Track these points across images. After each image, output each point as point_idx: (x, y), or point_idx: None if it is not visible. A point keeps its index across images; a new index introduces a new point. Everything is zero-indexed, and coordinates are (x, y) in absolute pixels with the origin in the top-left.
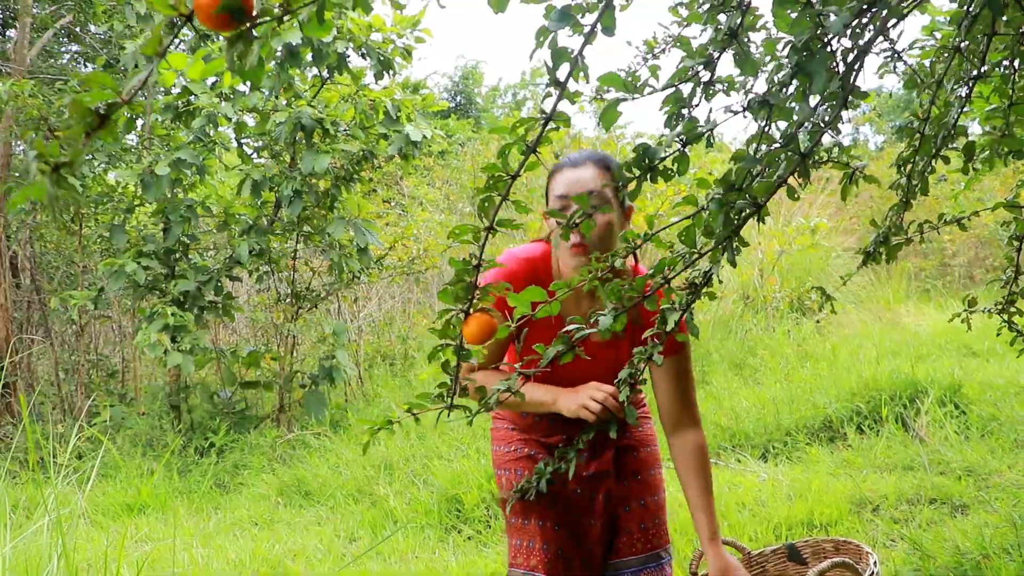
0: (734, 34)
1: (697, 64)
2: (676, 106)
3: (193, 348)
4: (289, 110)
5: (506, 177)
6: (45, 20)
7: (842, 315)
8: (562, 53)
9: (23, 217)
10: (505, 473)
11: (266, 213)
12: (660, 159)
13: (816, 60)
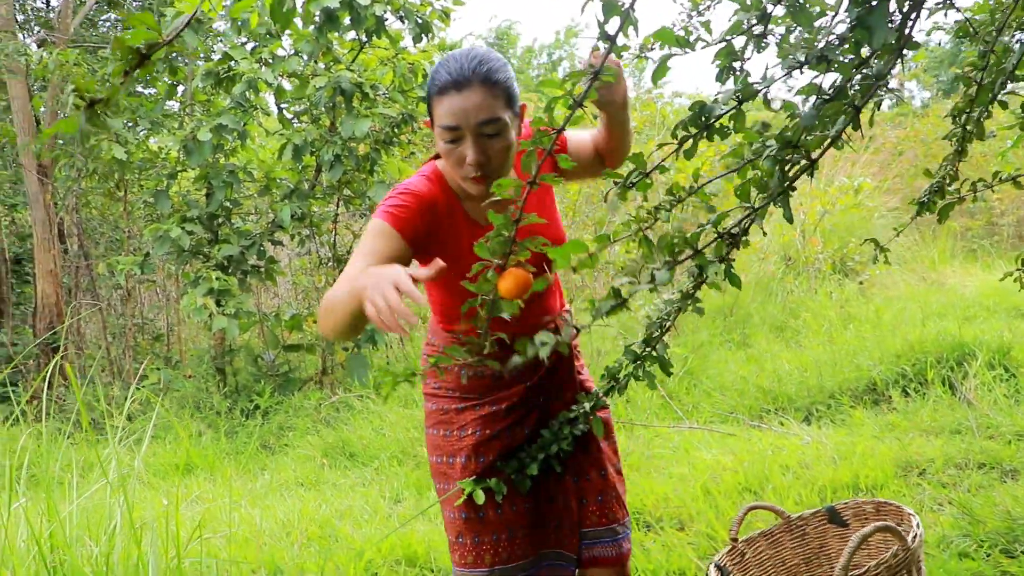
0: None
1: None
2: (728, 60)
3: (237, 312)
4: (328, 74)
5: (551, 132)
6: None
7: (885, 276)
8: (613, 7)
9: (70, 184)
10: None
11: (307, 177)
12: (716, 116)
13: (876, 13)
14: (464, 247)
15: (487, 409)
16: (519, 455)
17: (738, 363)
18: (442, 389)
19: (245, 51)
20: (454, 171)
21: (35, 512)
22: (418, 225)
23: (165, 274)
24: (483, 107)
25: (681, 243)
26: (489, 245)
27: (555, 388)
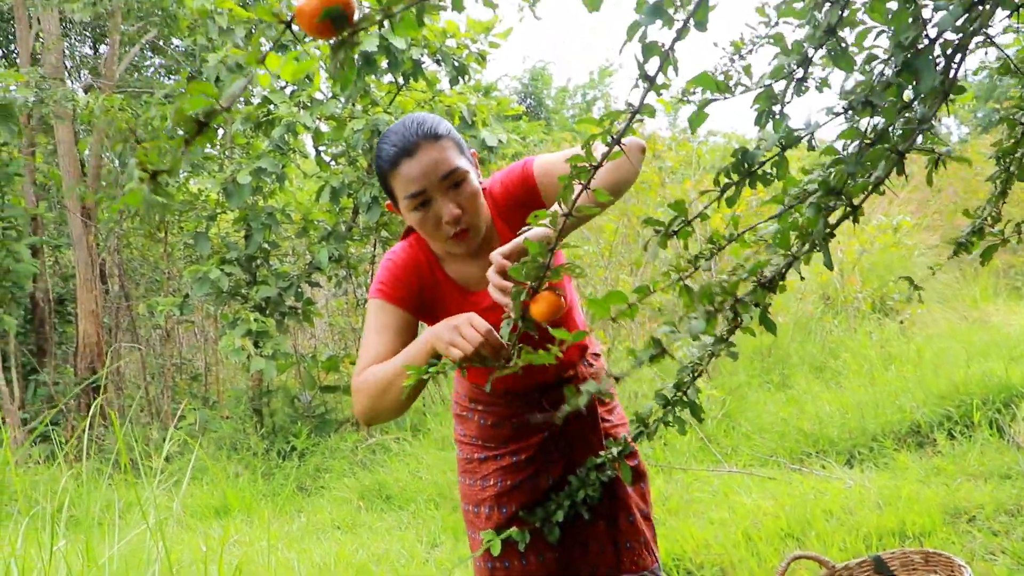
0: (832, 31)
1: (792, 61)
2: (767, 103)
3: (275, 353)
4: (366, 117)
5: (588, 167)
6: (132, 36)
7: (926, 315)
8: (652, 47)
9: (112, 226)
10: (483, 510)
11: (344, 219)
12: (759, 163)
13: (922, 57)
14: (451, 311)
15: (508, 460)
16: (545, 504)
17: (777, 404)
18: (467, 437)
19: (284, 95)
20: (434, 237)
21: (75, 555)
22: (408, 292)
23: (204, 314)
24: (440, 161)
25: (721, 292)
26: (524, 269)
27: (577, 436)
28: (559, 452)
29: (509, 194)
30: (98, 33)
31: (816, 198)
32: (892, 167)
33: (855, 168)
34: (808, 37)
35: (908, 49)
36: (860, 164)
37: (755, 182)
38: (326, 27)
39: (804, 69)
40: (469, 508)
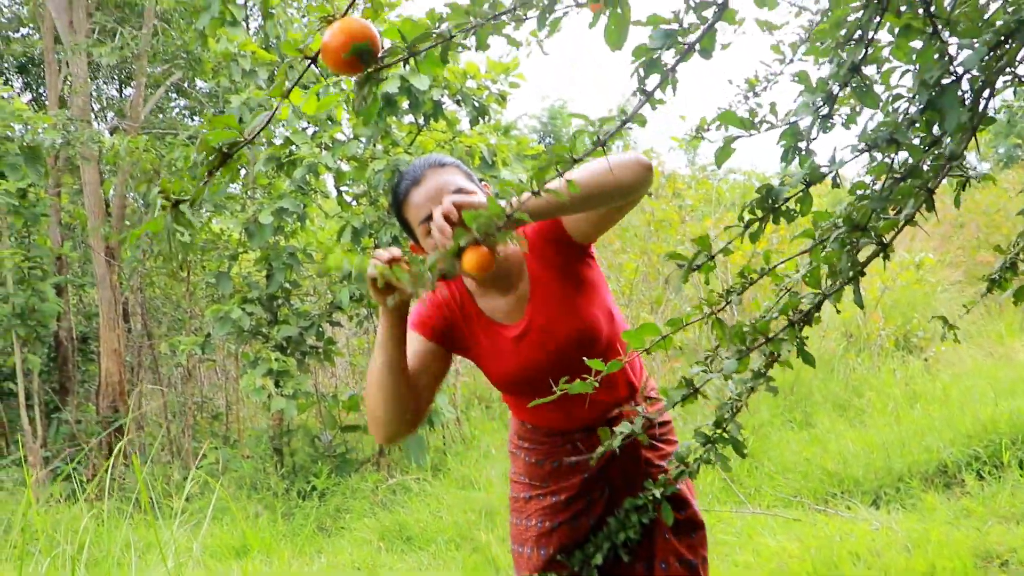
0: (856, 68)
1: (817, 98)
2: (793, 140)
3: (295, 393)
4: (387, 157)
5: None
6: (158, 78)
7: (951, 352)
8: (655, 64)
9: (135, 265)
10: (525, 551)
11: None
12: (783, 200)
13: (947, 96)
14: (483, 346)
15: (549, 500)
16: (584, 546)
17: (801, 444)
18: (516, 475)
19: (306, 136)
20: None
21: None
22: (435, 322)
23: (225, 353)
24: (445, 183)
25: (752, 331)
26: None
27: (619, 477)
28: (600, 493)
29: (538, 230)
30: (124, 75)
31: (841, 234)
32: (921, 203)
33: (880, 204)
34: (833, 75)
35: (933, 87)
36: (886, 200)
37: (779, 218)
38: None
39: (829, 106)
40: (515, 548)
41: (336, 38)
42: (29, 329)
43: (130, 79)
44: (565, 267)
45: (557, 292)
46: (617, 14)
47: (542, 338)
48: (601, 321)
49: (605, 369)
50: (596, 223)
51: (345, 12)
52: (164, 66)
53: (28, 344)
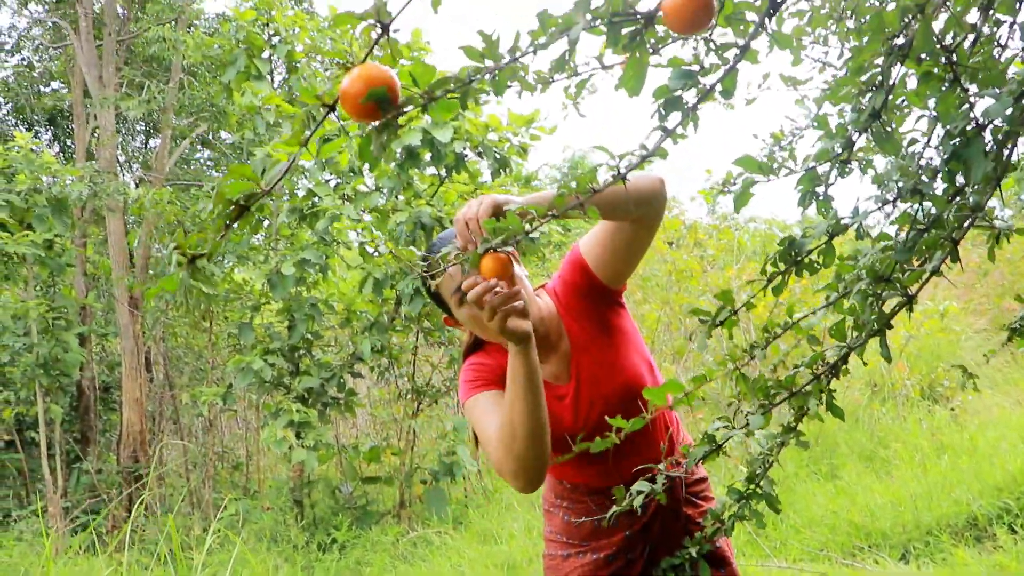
0: (876, 115)
1: (836, 144)
2: (811, 185)
3: (316, 444)
4: (409, 209)
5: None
6: (183, 130)
7: (978, 401)
8: (675, 101)
9: (158, 315)
10: None
11: (387, 310)
12: (806, 252)
13: (972, 147)
14: None
15: (589, 558)
16: None
17: (827, 496)
18: (552, 533)
19: (329, 187)
20: (487, 330)
21: None
22: (497, 376)
23: (247, 403)
24: None
25: (775, 385)
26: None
27: (660, 535)
28: (641, 551)
29: (567, 284)
30: (150, 127)
31: (864, 285)
32: (947, 255)
33: (903, 256)
34: (853, 121)
35: (957, 137)
36: (910, 251)
37: (802, 271)
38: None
39: (848, 152)
40: None
41: (354, 84)
42: (52, 379)
43: (156, 131)
44: (599, 319)
45: (596, 346)
46: (636, 60)
47: (591, 395)
48: (643, 370)
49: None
50: (618, 253)
51: (364, 59)
52: (190, 119)
53: (51, 394)
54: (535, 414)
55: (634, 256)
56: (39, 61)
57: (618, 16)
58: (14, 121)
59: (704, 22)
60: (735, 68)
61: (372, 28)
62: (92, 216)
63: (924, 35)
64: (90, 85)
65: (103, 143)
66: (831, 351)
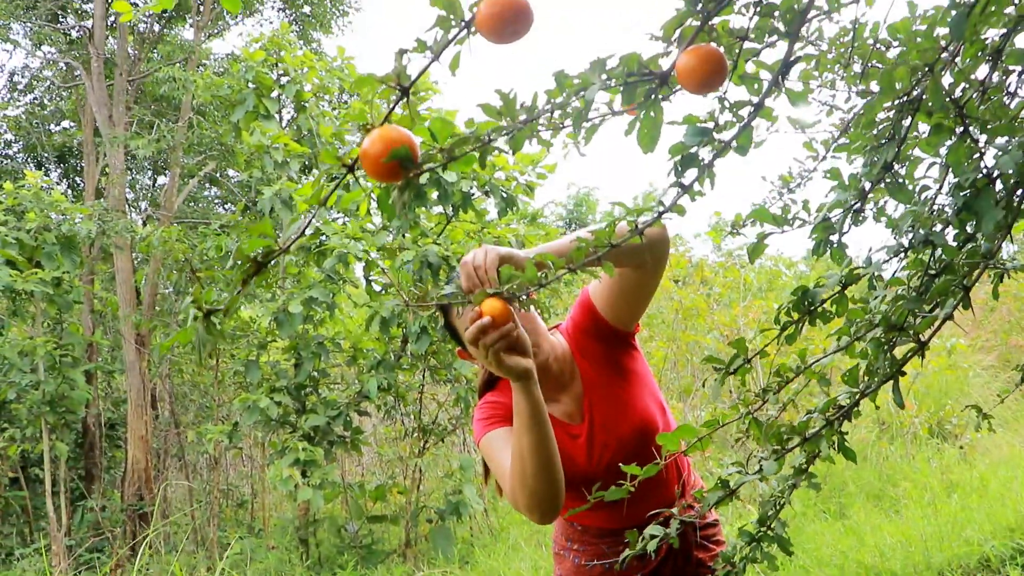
0: (889, 166)
1: (850, 195)
2: (824, 233)
3: (322, 482)
4: (416, 248)
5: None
6: (192, 169)
7: (987, 439)
8: (691, 158)
9: (164, 352)
10: None
11: (394, 348)
12: (820, 302)
13: (983, 198)
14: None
15: None
16: None
17: (836, 536)
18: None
19: (336, 226)
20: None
21: None
22: (502, 415)
23: (252, 441)
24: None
25: (788, 430)
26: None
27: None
28: None
29: (578, 326)
30: (158, 165)
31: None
32: (959, 302)
33: (916, 305)
34: (866, 173)
35: (968, 188)
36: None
37: (815, 320)
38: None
39: (861, 201)
40: None
41: (374, 146)
42: (58, 416)
43: (164, 169)
44: (611, 361)
45: (609, 388)
46: (650, 117)
47: (604, 437)
48: (655, 412)
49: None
50: (626, 296)
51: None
52: (198, 157)
53: (56, 431)
54: (543, 448)
55: (642, 300)
56: (50, 100)
57: (633, 76)
58: (25, 159)
59: (717, 83)
60: (750, 125)
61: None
62: (100, 253)
63: (934, 92)
64: (100, 124)
65: (112, 181)
66: (843, 395)
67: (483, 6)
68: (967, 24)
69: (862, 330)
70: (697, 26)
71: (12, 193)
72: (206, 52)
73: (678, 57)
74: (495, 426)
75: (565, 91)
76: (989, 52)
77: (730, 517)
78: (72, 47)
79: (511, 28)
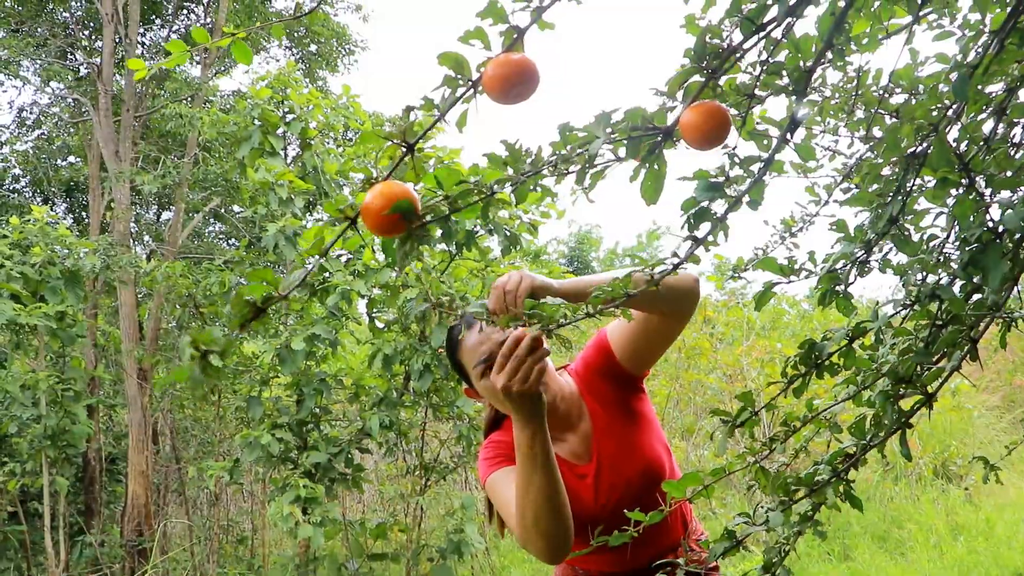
0: (895, 220)
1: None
2: (830, 284)
3: (323, 520)
4: (419, 285)
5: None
6: (196, 204)
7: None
8: (704, 212)
9: (166, 387)
10: None
11: (396, 386)
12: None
13: (990, 254)
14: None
15: None
16: None
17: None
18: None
19: (339, 263)
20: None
21: None
22: (509, 454)
23: (253, 477)
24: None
25: (795, 481)
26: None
27: None
28: None
29: (589, 366)
30: (163, 200)
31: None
32: (966, 354)
33: (924, 358)
34: (872, 225)
35: (974, 244)
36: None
37: (823, 373)
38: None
39: (867, 253)
40: None
41: (376, 200)
42: (59, 450)
43: (168, 203)
44: (621, 402)
45: (618, 429)
46: (654, 171)
47: (612, 478)
48: (663, 455)
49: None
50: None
51: (387, 176)
52: (203, 193)
53: (56, 465)
54: (553, 487)
55: (660, 347)
56: (58, 135)
57: (637, 130)
58: (32, 193)
59: (721, 138)
60: (762, 180)
61: (398, 148)
62: (104, 287)
63: (939, 151)
64: (107, 160)
65: (118, 216)
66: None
67: (490, 67)
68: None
69: (869, 379)
70: (702, 82)
71: (18, 228)
72: (212, 89)
73: (682, 113)
74: (501, 466)
75: (569, 145)
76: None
77: (733, 559)
78: (80, 83)
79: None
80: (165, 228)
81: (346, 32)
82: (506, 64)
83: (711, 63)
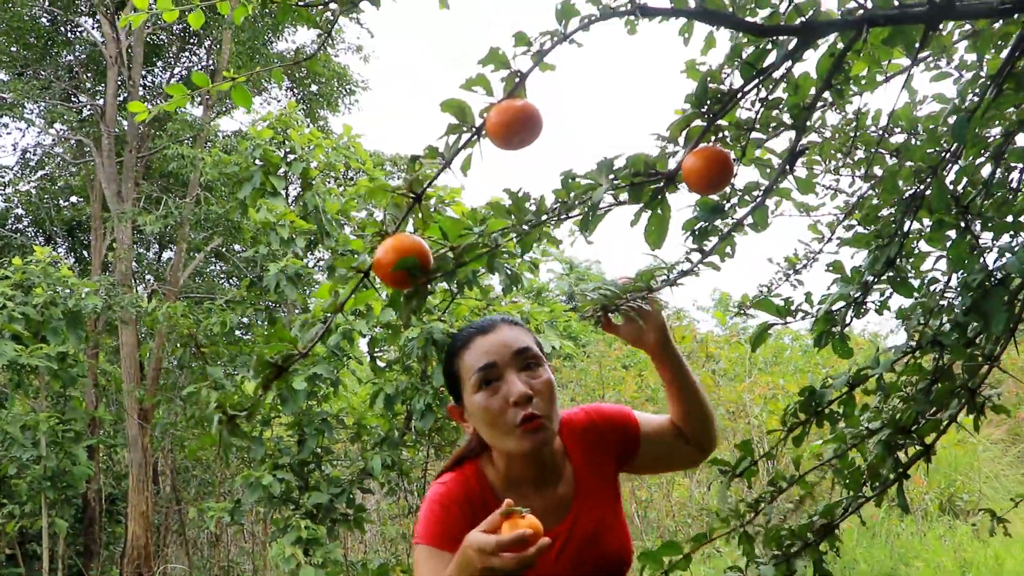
0: (892, 262)
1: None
2: (826, 325)
3: (325, 561)
4: (421, 325)
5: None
6: (198, 244)
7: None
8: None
9: (167, 428)
10: None
11: (398, 425)
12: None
13: (992, 300)
14: None
15: None
16: None
17: None
18: None
19: None
20: (496, 426)
21: None
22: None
23: (254, 517)
24: (516, 338)
25: (790, 536)
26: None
27: None
28: None
29: (597, 426)
30: (165, 240)
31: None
32: (964, 405)
33: (925, 407)
34: (868, 267)
35: (976, 290)
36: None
37: (823, 422)
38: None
39: (864, 294)
40: None
41: (387, 255)
42: (59, 492)
43: (170, 243)
44: (612, 483)
45: (605, 503)
46: (657, 215)
47: (582, 553)
48: (630, 541)
49: None
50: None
51: (397, 228)
52: (205, 233)
53: (56, 506)
54: None
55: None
56: (60, 176)
57: (639, 176)
58: (34, 233)
59: (723, 183)
60: (764, 205)
61: (406, 198)
62: (105, 326)
63: (938, 194)
64: (109, 200)
65: (119, 256)
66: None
67: (493, 114)
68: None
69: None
70: (704, 127)
71: (21, 268)
72: (214, 129)
73: (684, 158)
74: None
75: (572, 192)
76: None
77: None
78: (83, 125)
79: (519, 137)
80: (166, 267)
81: (347, 72)
82: (509, 111)
83: (712, 108)
